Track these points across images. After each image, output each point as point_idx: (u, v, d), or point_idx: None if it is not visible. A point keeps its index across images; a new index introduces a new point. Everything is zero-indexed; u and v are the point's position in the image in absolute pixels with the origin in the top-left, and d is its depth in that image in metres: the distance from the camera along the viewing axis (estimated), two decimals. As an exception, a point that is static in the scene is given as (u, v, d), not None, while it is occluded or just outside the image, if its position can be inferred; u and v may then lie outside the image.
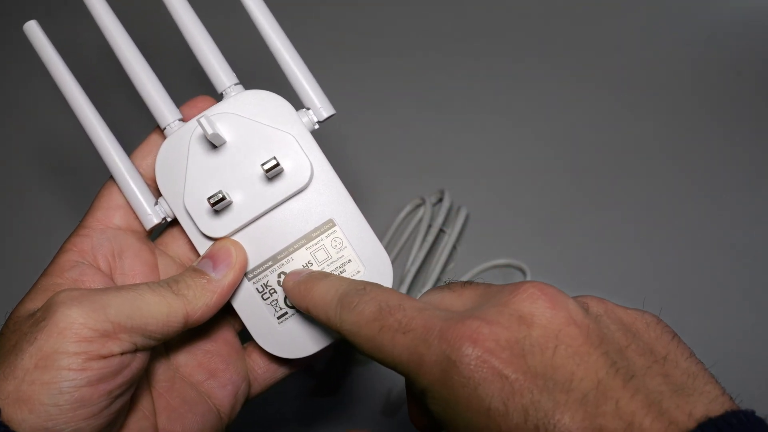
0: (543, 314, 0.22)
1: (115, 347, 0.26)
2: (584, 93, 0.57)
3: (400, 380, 0.50)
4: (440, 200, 0.53)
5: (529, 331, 0.22)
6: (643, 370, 0.21)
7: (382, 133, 0.57)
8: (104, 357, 0.26)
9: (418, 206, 0.54)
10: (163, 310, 0.28)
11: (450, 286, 0.27)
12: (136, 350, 0.27)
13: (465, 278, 0.51)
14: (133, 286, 0.28)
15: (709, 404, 0.20)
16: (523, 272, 0.51)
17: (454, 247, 0.52)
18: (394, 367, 0.24)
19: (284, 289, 0.31)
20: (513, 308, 0.23)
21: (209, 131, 0.30)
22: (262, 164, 0.30)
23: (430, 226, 0.52)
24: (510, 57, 0.59)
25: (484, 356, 0.21)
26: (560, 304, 0.23)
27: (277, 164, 0.30)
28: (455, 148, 0.56)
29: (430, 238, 0.51)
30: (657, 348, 0.23)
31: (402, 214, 0.53)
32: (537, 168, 0.55)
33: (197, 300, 0.29)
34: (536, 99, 0.57)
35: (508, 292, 0.23)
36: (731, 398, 0.21)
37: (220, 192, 0.30)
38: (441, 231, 0.52)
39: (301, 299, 0.29)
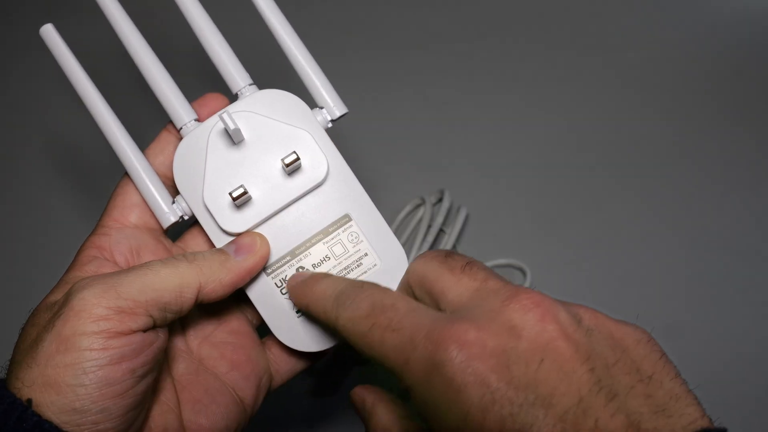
0: (532, 327, 0.22)
1: (132, 323, 0.26)
2: (584, 93, 0.58)
3: (400, 380, 0.50)
4: (440, 200, 0.53)
5: (517, 343, 0.22)
6: (627, 390, 0.21)
7: (382, 133, 0.57)
8: (124, 334, 0.26)
9: (418, 206, 0.54)
10: (175, 280, 0.28)
11: (449, 263, 0.27)
12: (154, 326, 0.28)
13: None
14: (146, 263, 0.29)
15: (687, 426, 0.21)
16: (523, 272, 0.51)
17: (454, 247, 0.52)
18: (382, 364, 0.25)
19: (288, 289, 0.32)
20: (504, 317, 0.23)
21: (231, 126, 0.30)
22: (283, 158, 0.31)
23: (430, 226, 0.52)
24: (510, 57, 0.59)
25: (468, 361, 0.21)
26: (551, 317, 0.22)
27: (298, 158, 0.31)
28: (455, 148, 0.56)
29: (430, 238, 0.51)
30: (644, 366, 0.23)
31: (402, 214, 0.53)
32: (537, 168, 0.55)
33: (212, 273, 0.29)
34: (536, 99, 0.58)
35: (503, 298, 0.23)
36: (711, 420, 0.22)
37: (241, 186, 0.31)
38: (441, 231, 0.52)
39: (302, 296, 0.30)
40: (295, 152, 0.31)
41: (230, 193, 0.31)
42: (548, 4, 0.61)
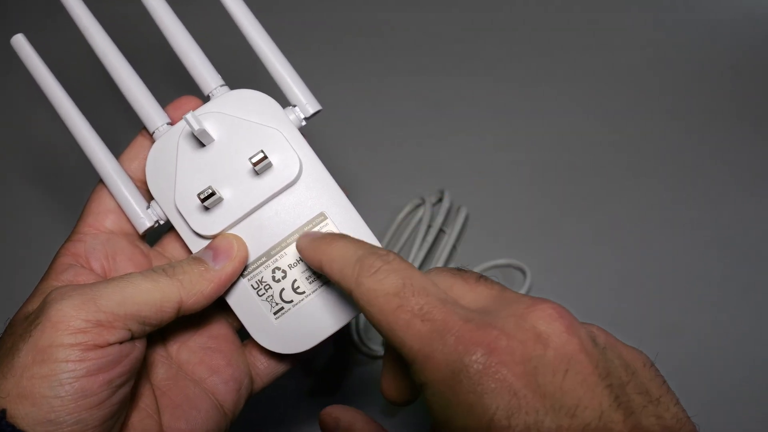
0: (558, 337, 0.22)
1: (110, 336, 0.26)
2: (584, 93, 0.57)
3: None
4: (440, 200, 0.53)
5: (544, 351, 0.22)
6: (640, 408, 0.22)
7: (382, 133, 0.57)
8: (101, 347, 0.26)
9: (418, 206, 0.54)
10: (156, 295, 0.28)
11: (462, 275, 0.26)
12: (132, 338, 0.27)
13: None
14: (125, 275, 0.28)
15: None
16: (523, 272, 0.50)
17: (454, 247, 0.52)
18: (400, 349, 0.23)
19: (297, 247, 0.30)
20: (530, 324, 0.22)
21: (196, 127, 0.30)
22: (250, 158, 0.30)
23: (429, 226, 0.52)
24: (510, 57, 0.59)
25: (497, 367, 0.21)
26: (574, 330, 0.22)
27: (265, 157, 0.30)
28: (455, 148, 0.56)
29: (430, 238, 0.51)
30: (652, 389, 0.23)
31: (402, 214, 0.53)
32: (537, 168, 0.55)
33: (192, 286, 0.29)
34: (536, 99, 0.57)
35: (525, 305, 0.23)
36: None
37: (209, 187, 0.30)
38: (441, 231, 0.52)
39: (315, 253, 0.28)
40: (262, 151, 0.30)
41: (198, 195, 0.30)
42: (547, 4, 0.61)
